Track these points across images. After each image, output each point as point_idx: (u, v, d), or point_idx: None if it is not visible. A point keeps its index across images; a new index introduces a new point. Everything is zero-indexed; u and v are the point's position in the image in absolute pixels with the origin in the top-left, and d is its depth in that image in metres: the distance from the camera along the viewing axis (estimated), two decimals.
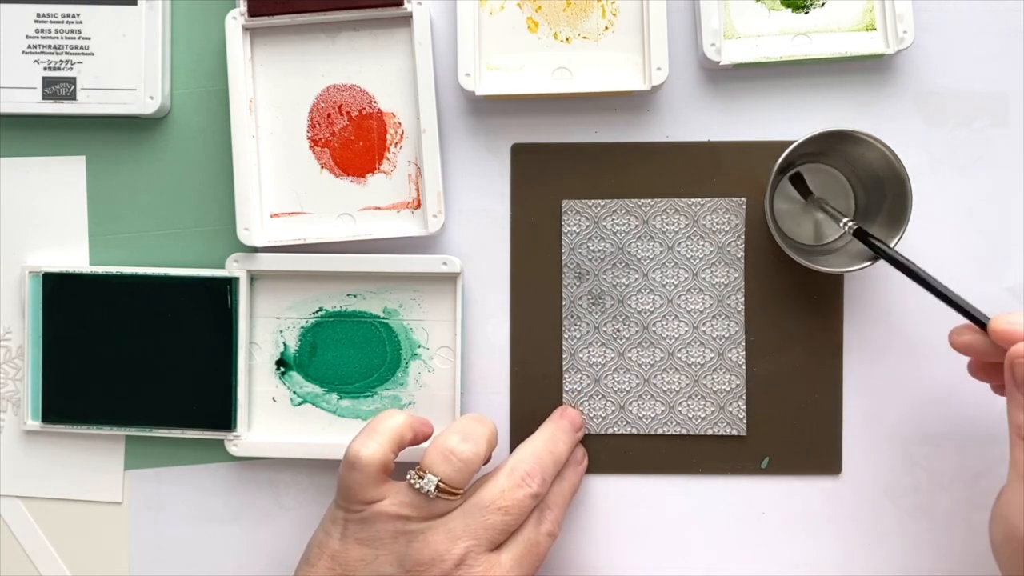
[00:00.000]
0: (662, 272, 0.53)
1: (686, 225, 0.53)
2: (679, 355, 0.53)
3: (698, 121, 0.53)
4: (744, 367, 0.53)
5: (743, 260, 0.53)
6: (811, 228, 0.53)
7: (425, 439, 0.49)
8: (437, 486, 0.46)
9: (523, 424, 0.53)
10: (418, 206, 0.52)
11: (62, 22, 0.52)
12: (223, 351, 0.52)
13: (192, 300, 0.52)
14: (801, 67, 0.53)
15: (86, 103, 0.52)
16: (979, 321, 0.47)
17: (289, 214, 0.53)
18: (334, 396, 0.53)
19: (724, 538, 0.53)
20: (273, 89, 0.53)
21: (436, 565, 0.45)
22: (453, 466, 0.46)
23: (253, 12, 0.51)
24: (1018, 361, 0.45)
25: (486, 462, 0.48)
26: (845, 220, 0.50)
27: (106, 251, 0.54)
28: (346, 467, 0.47)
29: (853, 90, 0.53)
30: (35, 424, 0.53)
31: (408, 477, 0.46)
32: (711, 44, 0.51)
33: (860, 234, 0.49)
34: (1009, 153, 0.53)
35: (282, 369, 0.53)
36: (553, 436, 0.50)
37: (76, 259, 0.54)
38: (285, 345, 0.53)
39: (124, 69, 0.52)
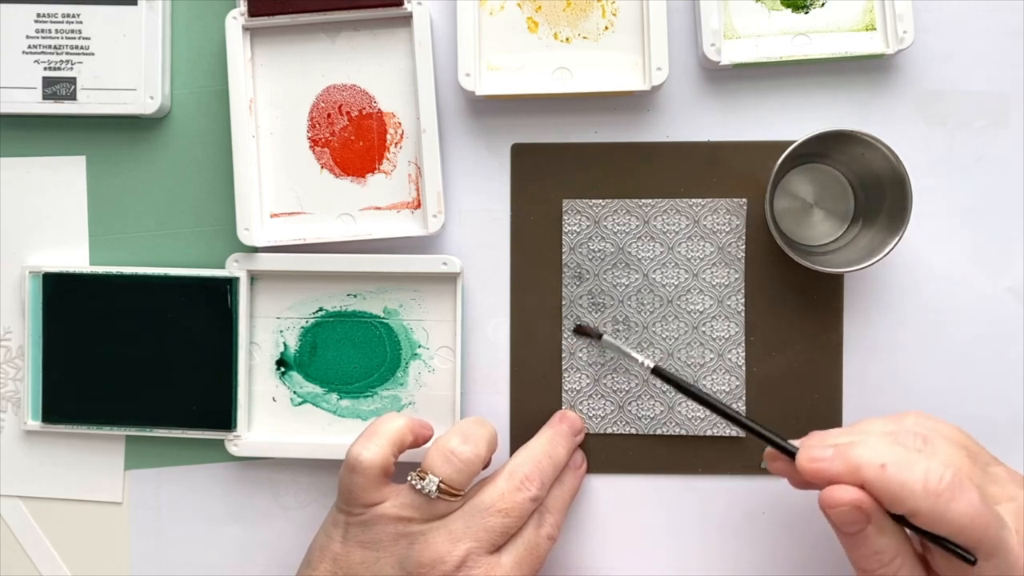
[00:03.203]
0: (662, 273, 0.53)
1: (687, 226, 0.53)
2: (679, 356, 0.53)
3: (698, 121, 0.53)
4: (744, 368, 0.53)
5: (743, 261, 0.53)
6: (811, 228, 0.53)
7: (425, 442, 0.49)
8: (438, 487, 0.46)
9: (523, 424, 0.53)
10: (418, 206, 0.52)
11: (62, 22, 0.52)
12: (223, 351, 0.52)
13: (192, 300, 0.52)
14: (801, 67, 0.53)
15: (86, 103, 0.52)
16: (788, 452, 0.45)
17: (289, 214, 0.53)
18: (334, 396, 0.53)
19: (724, 538, 0.53)
20: (273, 89, 0.53)
21: (437, 567, 0.45)
22: (454, 467, 0.46)
23: (253, 12, 0.51)
24: (830, 512, 0.42)
25: (486, 466, 0.48)
26: (643, 361, 0.50)
27: (106, 251, 0.54)
28: (347, 470, 0.47)
29: (853, 90, 0.53)
30: (35, 424, 0.53)
31: (409, 478, 0.46)
32: (711, 44, 0.51)
33: (657, 372, 0.49)
34: (1009, 153, 0.53)
35: (282, 369, 0.53)
36: (552, 440, 0.50)
37: (76, 259, 0.54)
38: (285, 345, 0.53)
39: (124, 69, 0.52)
